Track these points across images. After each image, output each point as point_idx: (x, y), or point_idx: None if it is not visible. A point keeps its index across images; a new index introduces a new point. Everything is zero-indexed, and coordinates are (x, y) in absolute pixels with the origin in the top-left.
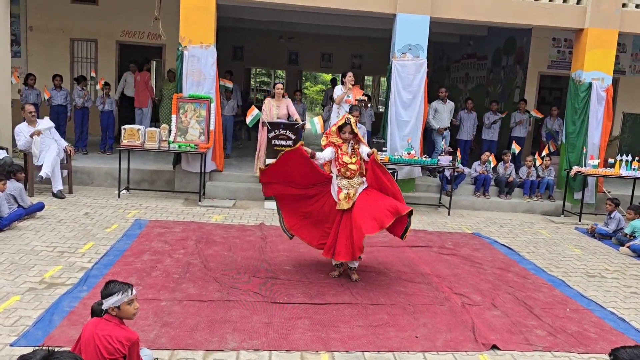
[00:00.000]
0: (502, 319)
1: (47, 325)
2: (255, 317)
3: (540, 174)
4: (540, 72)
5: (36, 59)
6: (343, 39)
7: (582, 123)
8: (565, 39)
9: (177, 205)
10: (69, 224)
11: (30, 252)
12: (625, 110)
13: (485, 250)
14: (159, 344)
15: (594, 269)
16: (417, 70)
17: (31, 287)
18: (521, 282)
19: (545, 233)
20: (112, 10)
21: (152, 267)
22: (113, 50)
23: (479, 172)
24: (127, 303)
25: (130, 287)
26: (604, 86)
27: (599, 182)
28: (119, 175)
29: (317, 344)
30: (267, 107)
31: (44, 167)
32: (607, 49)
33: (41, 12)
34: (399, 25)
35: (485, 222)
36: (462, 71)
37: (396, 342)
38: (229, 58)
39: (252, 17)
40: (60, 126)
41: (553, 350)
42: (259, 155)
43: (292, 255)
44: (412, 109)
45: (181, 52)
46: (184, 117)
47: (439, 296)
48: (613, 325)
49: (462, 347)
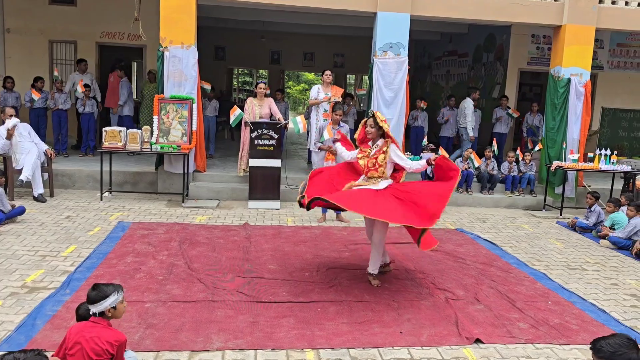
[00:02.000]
0: (485, 312)
1: (30, 329)
2: (240, 316)
3: (522, 169)
4: (520, 69)
5: (14, 61)
6: (325, 38)
7: (562, 118)
8: (544, 36)
9: (161, 207)
10: (51, 227)
11: (12, 257)
12: (604, 105)
13: (469, 245)
14: (143, 346)
15: (575, 261)
16: (398, 68)
17: (13, 292)
18: (504, 276)
19: (527, 227)
20: (92, 11)
21: (135, 269)
22: (93, 52)
23: (462, 168)
24: (121, 302)
25: (121, 286)
26: (582, 82)
27: (579, 176)
28: (100, 177)
29: (302, 341)
30: (250, 107)
31: (24, 170)
32: (584, 45)
33: (19, 14)
34: (379, 23)
35: (468, 218)
36: (443, 68)
37: (381, 338)
38: (211, 58)
39: (233, 17)
40: (40, 129)
41: (535, 342)
42: (242, 155)
43: (277, 254)
44: (394, 107)
45: (162, 53)
46: (165, 118)
47: (422, 292)
48: (594, 317)
49: (446, 342)
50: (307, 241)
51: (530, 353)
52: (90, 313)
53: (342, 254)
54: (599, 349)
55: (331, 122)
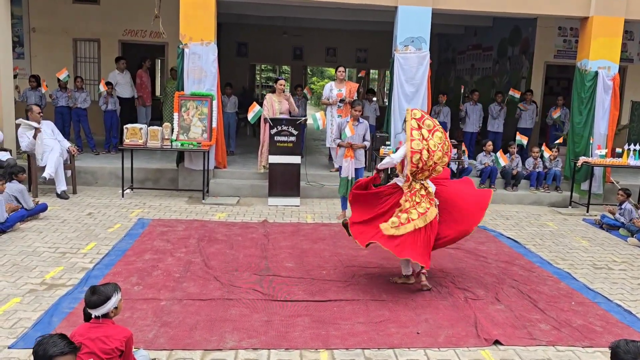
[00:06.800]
0: (505, 313)
1: (46, 326)
2: (255, 315)
3: (548, 165)
4: (546, 62)
5: (39, 60)
6: (347, 33)
7: (589, 113)
8: (571, 28)
9: (181, 204)
10: (72, 224)
11: (32, 254)
12: (634, 98)
13: (491, 243)
14: (157, 344)
15: (601, 260)
16: (419, 62)
17: (32, 289)
18: (526, 275)
19: (552, 225)
20: (114, 9)
21: (153, 266)
22: (116, 50)
23: (485, 164)
24: (120, 300)
25: (116, 284)
26: (610, 75)
27: (607, 172)
28: (122, 174)
29: (317, 341)
30: (269, 103)
31: (47, 167)
32: (612, 37)
33: (43, 13)
34: (400, 17)
35: (491, 215)
36: (467, 62)
37: (397, 338)
38: (233, 55)
39: (255, 13)
40: (65, 127)
41: (557, 344)
42: (262, 151)
43: (295, 252)
44: (416, 102)
45: (182, 50)
46: (186, 115)
47: (442, 291)
48: (619, 318)
49: (464, 343)
50: (325, 238)
51: (551, 356)
52: (93, 317)
53: (360, 251)
54: (614, 350)
55: (352, 119)
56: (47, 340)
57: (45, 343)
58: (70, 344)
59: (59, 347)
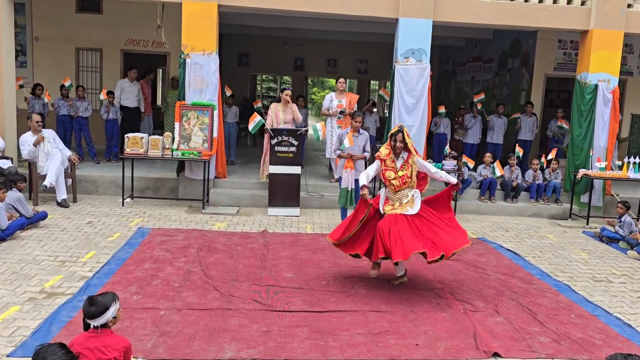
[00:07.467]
0: (504, 325)
1: (45, 335)
2: (254, 325)
3: (547, 177)
4: (546, 75)
5: (42, 69)
6: (348, 44)
7: (589, 125)
8: (571, 41)
9: (181, 213)
10: (72, 232)
11: (32, 262)
12: (634, 111)
13: (490, 255)
14: (155, 354)
15: (601, 273)
16: (420, 74)
17: (31, 297)
18: (525, 287)
19: (551, 237)
20: (117, 19)
21: (152, 275)
22: (118, 59)
23: (484, 176)
24: (119, 309)
25: (114, 293)
26: (610, 88)
27: (606, 184)
28: (122, 183)
29: (316, 352)
30: (273, 112)
31: (48, 176)
32: (612, 50)
33: (46, 22)
34: (401, 29)
35: (491, 227)
36: (468, 74)
37: (396, 350)
38: (235, 65)
39: (257, 24)
40: (66, 136)
41: (556, 357)
42: (265, 160)
43: (294, 262)
44: (416, 114)
45: (183, 60)
46: (187, 124)
47: (441, 303)
48: (619, 331)
49: (463, 355)
50: (325, 249)
51: None
52: (92, 326)
53: (360, 262)
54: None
55: (352, 130)
56: (45, 349)
57: (44, 352)
58: (69, 353)
59: (57, 356)
